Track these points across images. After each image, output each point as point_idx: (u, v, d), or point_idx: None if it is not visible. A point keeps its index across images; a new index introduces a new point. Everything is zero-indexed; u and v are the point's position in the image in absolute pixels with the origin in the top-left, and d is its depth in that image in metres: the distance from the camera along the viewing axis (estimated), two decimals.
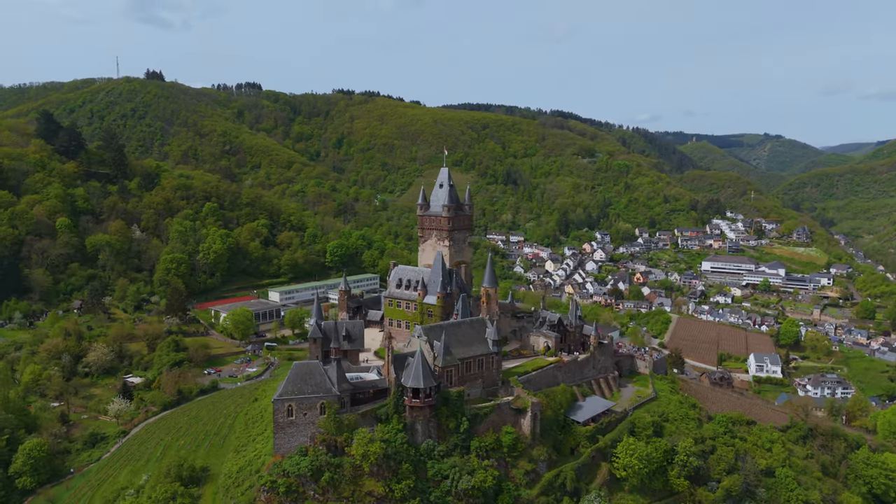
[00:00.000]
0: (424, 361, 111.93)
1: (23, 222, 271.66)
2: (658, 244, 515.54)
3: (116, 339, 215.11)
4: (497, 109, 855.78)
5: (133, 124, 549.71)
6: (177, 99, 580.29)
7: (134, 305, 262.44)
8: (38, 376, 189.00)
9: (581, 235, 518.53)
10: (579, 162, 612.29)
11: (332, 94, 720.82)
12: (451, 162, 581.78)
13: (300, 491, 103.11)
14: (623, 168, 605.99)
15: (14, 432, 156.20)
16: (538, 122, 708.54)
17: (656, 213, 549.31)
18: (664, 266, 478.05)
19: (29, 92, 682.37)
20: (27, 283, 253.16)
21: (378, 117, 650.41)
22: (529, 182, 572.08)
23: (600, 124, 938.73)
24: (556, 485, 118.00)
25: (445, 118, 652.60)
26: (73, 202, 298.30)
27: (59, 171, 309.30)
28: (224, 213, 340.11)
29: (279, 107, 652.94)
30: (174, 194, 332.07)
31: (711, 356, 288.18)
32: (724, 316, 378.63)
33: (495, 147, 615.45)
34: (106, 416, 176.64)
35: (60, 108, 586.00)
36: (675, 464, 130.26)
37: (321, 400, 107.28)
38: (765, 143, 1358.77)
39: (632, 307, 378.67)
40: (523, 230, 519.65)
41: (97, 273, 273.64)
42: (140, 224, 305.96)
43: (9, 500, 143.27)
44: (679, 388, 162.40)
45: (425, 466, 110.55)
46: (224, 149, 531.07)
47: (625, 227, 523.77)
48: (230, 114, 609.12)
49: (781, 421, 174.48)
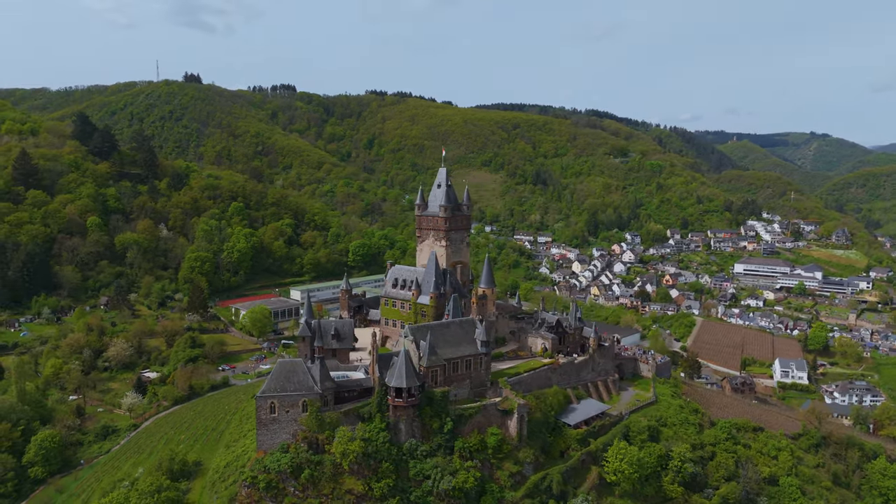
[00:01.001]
0: (409, 361, 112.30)
1: (55, 221, 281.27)
2: (690, 246, 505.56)
3: (136, 335, 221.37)
4: (531, 109, 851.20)
5: (170, 126, 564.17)
6: (212, 101, 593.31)
7: (158, 302, 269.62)
8: (59, 370, 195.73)
9: (610, 236, 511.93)
10: (611, 162, 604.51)
11: (365, 95, 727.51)
12: (479, 162, 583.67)
13: (280, 487, 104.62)
14: (656, 168, 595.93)
15: (29, 423, 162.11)
16: (570, 121, 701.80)
17: (689, 214, 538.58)
18: (695, 268, 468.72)
19: (74, 95, 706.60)
20: (57, 279, 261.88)
21: (409, 118, 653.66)
22: (559, 182, 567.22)
23: (636, 123, 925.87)
24: (542, 487, 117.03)
25: (476, 118, 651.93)
26: (105, 202, 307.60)
27: (93, 171, 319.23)
28: (250, 212, 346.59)
29: (312, 108, 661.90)
30: (202, 194, 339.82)
31: (735, 361, 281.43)
32: (754, 320, 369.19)
33: (525, 147, 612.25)
34: (120, 410, 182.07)
35: (103, 111, 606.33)
36: (670, 469, 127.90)
37: (303, 398, 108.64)
38: (810, 143, 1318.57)
39: (658, 310, 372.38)
40: (551, 231, 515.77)
41: (125, 270, 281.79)
42: (168, 223, 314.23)
43: (21, 489, 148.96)
44: (682, 392, 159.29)
45: (407, 466, 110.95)
46: (257, 149, 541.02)
47: (656, 228, 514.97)
48: (264, 115, 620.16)
49: (795, 428, 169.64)
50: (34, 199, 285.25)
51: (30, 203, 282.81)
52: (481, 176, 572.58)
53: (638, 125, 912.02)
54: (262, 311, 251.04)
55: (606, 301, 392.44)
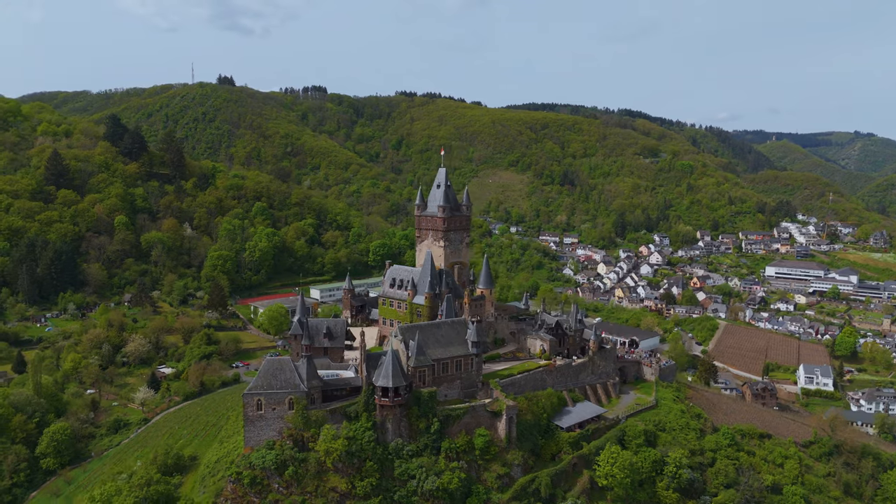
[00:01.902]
0: (396, 361, 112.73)
1: (84, 220, 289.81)
2: (720, 248, 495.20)
3: (154, 332, 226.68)
4: (562, 109, 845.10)
5: (203, 127, 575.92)
6: (244, 103, 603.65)
7: (179, 300, 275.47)
8: (78, 364, 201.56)
9: (638, 238, 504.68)
10: (640, 162, 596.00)
11: (395, 96, 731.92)
12: (506, 163, 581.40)
13: (265, 483, 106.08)
14: (687, 168, 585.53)
15: (44, 416, 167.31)
16: (600, 121, 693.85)
17: (720, 216, 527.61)
18: (724, 271, 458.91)
19: (114, 97, 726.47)
20: (83, 276, 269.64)
21: (437, 118, 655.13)
22: (587, 183, 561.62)
23: (670, 123, 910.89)
24: (530, 490, 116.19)
25: (504, 118, 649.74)
26: (133, 201, 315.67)
27: (122, 171, 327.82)
28: (273, 212, 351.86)
29: (342, 109, 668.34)
30: (226, 194, 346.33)
31: (758, 366, 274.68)
32: (783, 324, 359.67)
33: (554, 147, 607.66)
34: (133, 404, 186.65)
35: (140, 113, 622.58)
36: (665, 475, 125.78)
37: (289, 395, 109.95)
38: (854, 142, 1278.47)
39: (683, 312, 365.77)
40: (578, 232, 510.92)
41: (149, 268, 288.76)
42: (193, 222, 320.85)
43: (34, 480, 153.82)
44: (687, 396, 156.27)
45: (392, 465, 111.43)
46: (286, 150, 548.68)
47: (685, 230, 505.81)
48: (294, 117, 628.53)
49: (807, 436, 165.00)
50: (64, 198, 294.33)
51: (60, 202, 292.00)
52: (508, 176, 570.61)
53: (672, 125, 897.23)
54: (279, 309, 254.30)
55: (630, 304, 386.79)
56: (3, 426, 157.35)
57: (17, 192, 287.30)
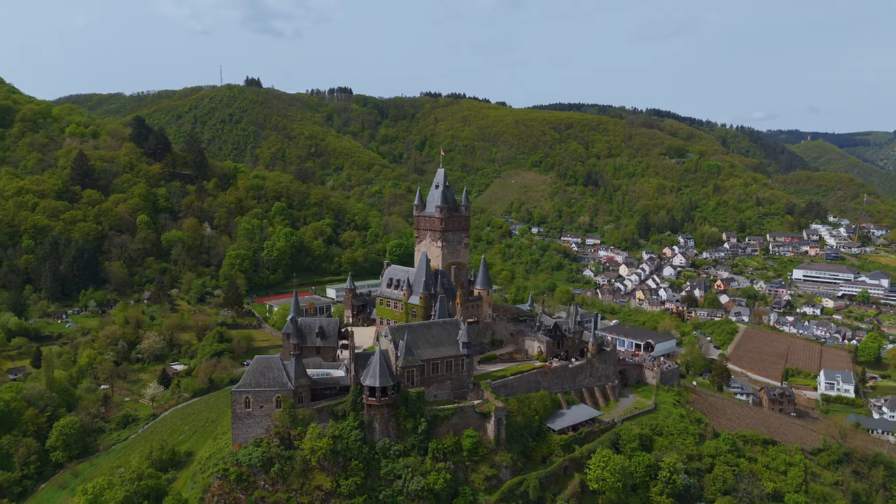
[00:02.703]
0: (384, 361, 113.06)
1: (107, 219, 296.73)
2: (746, 250, 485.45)
3: (169, 329, 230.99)
4: (589, 109, 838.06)
5: (230, 129, 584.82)
6: (270, 104, 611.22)
7: (197, 298, 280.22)
8: (93, 360, 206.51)
9: (662, 239, 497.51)
10: (666, 162, 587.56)
11: (420, 97, 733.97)
12: (529, 163, 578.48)
13: (251, 480, 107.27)
14: (714, 169, 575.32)
15: (56, 410, 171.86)
16: (626, 121, 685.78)
17: (747, 217, 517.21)
18: (750, 273, 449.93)
19: (146, 99, 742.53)
20: (105, 274, 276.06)
21: (461, 119, 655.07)
22: (611, 183, 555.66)
23: (700, 123, 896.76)
24: (518, 492, 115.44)
25: (528, 119, 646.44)
26: (155, 201, 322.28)
27: (146, 172, 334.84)
28: (292, 212, 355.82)
29: (367, 110, 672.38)
30: (246, 194, 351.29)
31: (777, 371, 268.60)
32: (808, 328, 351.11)
33: (578, 147, 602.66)
34: (144, 400, 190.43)
35: (170, 115, 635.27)
36: (659, 480, 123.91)
37: (277, 394, 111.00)
38: (894, 142, 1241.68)
39: (704, 316, 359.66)
40: (600, 233, 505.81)
41: (169, 267, 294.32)
42: (213, 222, 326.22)
43: (43, 472, 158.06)
44: (689, 400, 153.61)
45: (379, 465, 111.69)
46: (310, 151, 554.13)
47: (710, 232, 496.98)
48: (319, 118, 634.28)
49: (817, 443, 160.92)
50: (89, 198, 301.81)
51: (85, 202, 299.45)
52: (531, 177, 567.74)
53: (701, 125, 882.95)
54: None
55: (651, 306, 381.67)
56: (15, 419, 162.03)
57: (44, 192, 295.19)
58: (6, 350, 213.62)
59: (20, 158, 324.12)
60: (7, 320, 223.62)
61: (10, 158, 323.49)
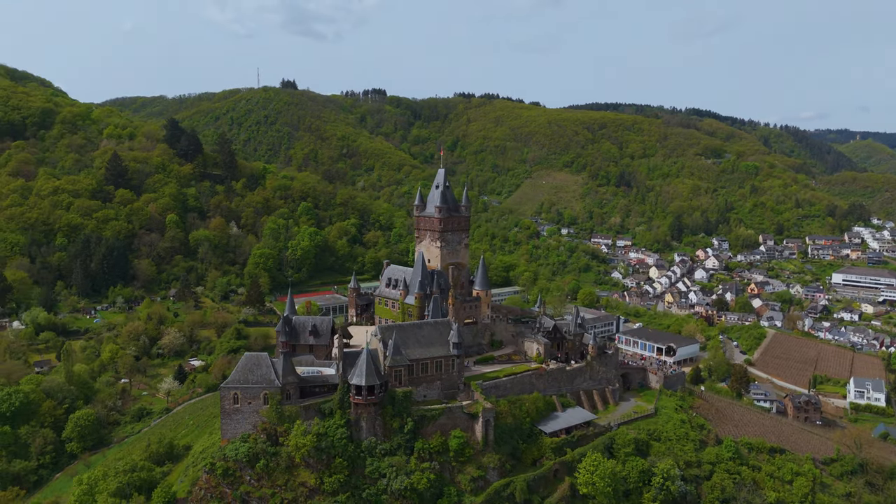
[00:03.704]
0: (371, 360, 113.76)
1: (138, 218, 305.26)
2: (783, 253, 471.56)
3: (190, 326, 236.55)
4: (626, 109, 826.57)
5: (265, 130, 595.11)
6: (304, 106, 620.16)
7: (221, 295, 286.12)
8: (115, 355, 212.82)
9: (695, 241, 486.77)
10: (702, 163, 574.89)
11: (453, 97, 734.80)
12: (561, 163, 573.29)
13: (237, 475, 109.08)
14: (751, 169, 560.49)
15: (74, 402, 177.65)
16: (661, 120, 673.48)
17: (785, 219, 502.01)
18: (786, 277, 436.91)
19: (186, 102, 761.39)
20: (134, 271, 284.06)
21: (493, 119, 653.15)
22: (644, 184, 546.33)
23: (742, 122, 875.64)
24: (505, 495, 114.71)
25: (561, 119, 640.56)
26: (185, 200, 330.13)
27: (177, 172, 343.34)
28: (318, 212, 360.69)
29: (400, 111, 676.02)
30: (274, 194, 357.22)
31: (805, 378, 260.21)
32: (845, 335, 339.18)
33: (611, 147, 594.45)
34: (159, 394, 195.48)
35: (209, 117, 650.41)
36: (653, 486, 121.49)
37: (264, 390, 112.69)
38: None
39: (735, 320, 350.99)
40: (632, 234, 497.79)
41: (195, 265, 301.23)
42: (240, 221, 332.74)
43: (58, 462, 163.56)
44: (694, 406, 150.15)
45: (364, 463, 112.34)
46: (342, 152, 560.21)
47: (746, 234, 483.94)
48: (353, 119, 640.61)
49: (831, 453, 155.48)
50: (122, 197, 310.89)
51: (117, 201, 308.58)
52: (562, 177, 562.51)
53: (743, 124, 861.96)
54: (312, 306, 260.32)
55: (679, 309, 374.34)
56: (33, 411, 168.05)
57: (79, 192, 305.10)
58: (34, 344, 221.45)
59: (58, 159, 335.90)
60: (37, 315, 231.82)
61: (49, 159, 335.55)
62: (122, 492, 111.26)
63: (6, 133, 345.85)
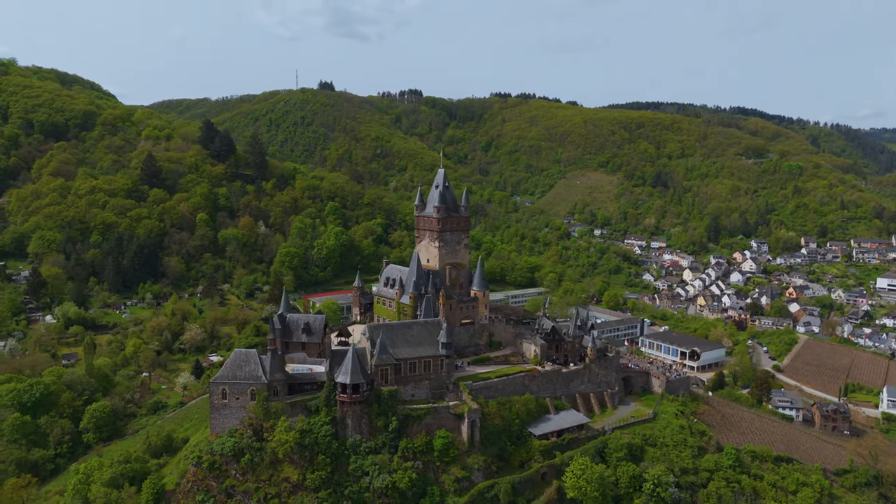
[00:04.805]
0: (356, 358, 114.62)
1: (170, 217, 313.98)
2: (826, 256, 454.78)
3: (211, 322, 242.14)
4: (668, 108, 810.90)
5: (301, 131, 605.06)
6: (340, 107, 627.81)
7: (246, 293, 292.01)
8: (138, 349, 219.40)
9: (733, 243, 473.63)
10: (742, 163, 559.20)
11: (489, 97, 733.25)
12: (596, 164, 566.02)
13: (223, 469, 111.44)
14: (795, 169, 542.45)
15: (93, 395, 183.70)
16: (701, 119, 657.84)
17: (829, 221, 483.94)
18: (828, 281, 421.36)
19: (229, 104, 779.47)
20: (163, 268, 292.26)
21: (529, 119, 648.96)
22: (681, 185, 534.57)
23: (790, 121, 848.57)
24: (489, 496, 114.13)
25: (597, 118, 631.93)
26: (216, 200, 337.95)
27: (209, 172, 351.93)
28: (346, 212, 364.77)
29: (436, 112, 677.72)
30: (302, 194, 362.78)
31: (836, 385, 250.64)
32: (886, 342, 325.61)
33: (648, 147, 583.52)
34: (177, 388, 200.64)
35: (249, 118, 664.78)
36: (644, 492, 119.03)
37: (251, 386, 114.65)
38: None
39: (769, 325, 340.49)
40: (667, 235, 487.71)
41: (223, 263, 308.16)
42: (268, 220, 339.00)
43: (75, 452, 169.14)
44: (698, 411, 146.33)
45: (348, 461, 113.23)
46: (375, 153, 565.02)
47: (787, 236, 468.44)
48: (388, 120, 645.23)
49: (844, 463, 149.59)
50: (155, 197, 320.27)
51: (151, 200, 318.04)
52: (597, 177, 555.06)
53: (791, 123, 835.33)
54: (332, 305, 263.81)
55: (711, 313, 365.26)
56: (53, 402, 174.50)
57: (115, 191, 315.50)
58: (64, 337, 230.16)
59: (97, 160, 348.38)
60: (67, 310, 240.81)
61: (88, 160, 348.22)
62: (114, 482, 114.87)
63: (50, 134, 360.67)
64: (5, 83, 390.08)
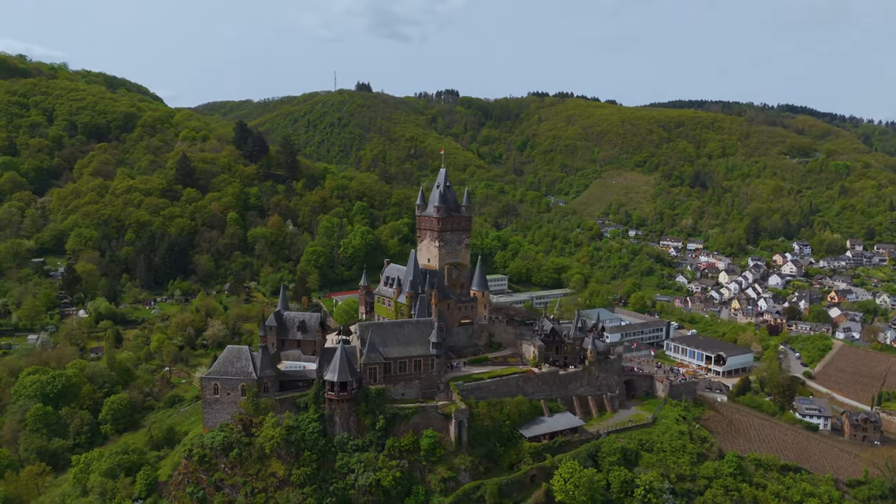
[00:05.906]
0: (344, 357, 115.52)
1: (201, 215, 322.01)
2: (872, 259, 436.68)
3: (234, 318, 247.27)
4: (712, 106, 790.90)
5: (338, 132, 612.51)
6: (376, 108, 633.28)
7: (272, 290, 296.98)
8: (162, 344, 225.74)
9: (774, 245, 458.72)
10: (786, 162, 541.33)
11: (526, 97, 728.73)
12: (633, 163, 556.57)
13: (213, 462, 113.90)
14: (842, 169, 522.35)
15: (113, 387, 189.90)
16: (744, 118, 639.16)
17: (877, 223, 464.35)
18: (873, 285, 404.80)
19: (270, 105, 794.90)
20: (193, 266, 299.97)
21: (565, 119, 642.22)
22: (720, 185, 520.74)
23: (842, 119, 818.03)
24: (475, 497, 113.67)
25: (635, 118, 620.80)
26: (247, 199, 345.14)
27: (241, 172, 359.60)
28: (373, 211, 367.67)
29: (471, 112, 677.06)
30: (331, 194, 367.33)
31: (869, 394, 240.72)
32: None
33: (687, 147, 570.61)
34: (195, 382, 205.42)
35: (288, 119, 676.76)
36: (635, 498, 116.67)
37: (242, 382, 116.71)
38: None
39: (806, 330, 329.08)
40: (704, 237, 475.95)
41: (251, 261, 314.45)
42: (297, 220, 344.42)
43: (93, 442, 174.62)
44: (702, 417, 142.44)
45: (335, 458, 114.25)
46: (409, 153, 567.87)
47: (831, 238, 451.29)
48: (423, 120, 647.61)
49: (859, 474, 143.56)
50: (188, 196, 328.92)
51: (184, 199, 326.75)
52: (633, 177, 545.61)
53: (844, 121, 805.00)
54: (352, 303, 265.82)
55: (745, 317, 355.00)
56: (75, 393, 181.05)
57: (150, 190, 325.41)
58: (94, 332, 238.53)
59: (136, 160, 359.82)
60: (99, 305, 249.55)
61: (127, 160, 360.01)
62: (111, 472, 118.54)
63: (92, 135, 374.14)
64: (53, 87, 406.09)
